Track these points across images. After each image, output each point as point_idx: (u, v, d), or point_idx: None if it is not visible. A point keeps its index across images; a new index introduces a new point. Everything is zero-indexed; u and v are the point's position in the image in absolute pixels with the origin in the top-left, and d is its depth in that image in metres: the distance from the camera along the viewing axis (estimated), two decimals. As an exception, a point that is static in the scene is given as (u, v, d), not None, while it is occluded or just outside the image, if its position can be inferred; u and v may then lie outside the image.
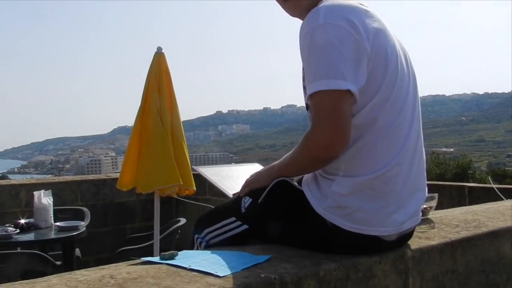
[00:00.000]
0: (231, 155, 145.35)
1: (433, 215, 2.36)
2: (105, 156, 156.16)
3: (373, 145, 1.65)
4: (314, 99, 1.56)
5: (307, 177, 1.79)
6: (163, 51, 4.93)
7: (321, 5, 1.64)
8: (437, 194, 2.36)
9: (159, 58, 4.88)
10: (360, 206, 1.64)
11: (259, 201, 1.79)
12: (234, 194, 1.98)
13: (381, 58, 1.61)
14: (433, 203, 2.36)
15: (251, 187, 1.85)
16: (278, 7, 1.88)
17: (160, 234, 4.82)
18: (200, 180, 5.27)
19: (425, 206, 2.20)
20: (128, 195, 6.07)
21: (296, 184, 1.80)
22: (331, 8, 1.60)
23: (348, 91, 1.52)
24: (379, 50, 1.61)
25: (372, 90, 1.61)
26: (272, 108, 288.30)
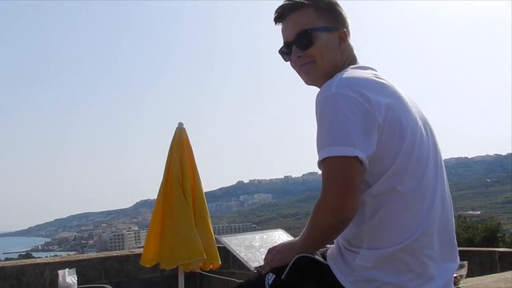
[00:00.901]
0: (253, 225, 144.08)
1: (464, 284, 2.30)
2: (128, 231, 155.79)
3: (395, 215, 1.62)
4: (323, 165, 1.59)
5: (331, 250, 1.76)
6: (184, 126, 5.03)
7: (337, 76, 1.68)
8: (466, 262, 2.31)
9: (180, 133, 4.97)
10: (388, 280, 1.59)
11: (282, 277, 1.76)
12: (256, 268, 1.94)
13: (395, 128, 1.62)
14: (463, 272, 2.30)
15: (272, 266, 1.81)
16: (295, 75, 1.92)
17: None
18: (225, 252, 5.22)
19: (455, 275, 2.14)
20: (152, 271, 6.02)
21: (321, 258, 1.77)
22: (344, 80, 1.64)
23: (356, 158, 1.54)
24: (393, 121, 1.61)
25: (389, 160, 1.61)
26: (293, 176, 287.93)
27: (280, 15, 1.87)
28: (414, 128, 1.69)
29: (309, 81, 1.88)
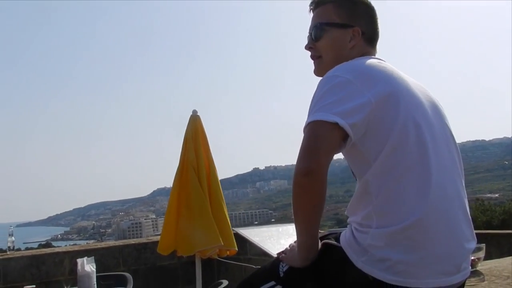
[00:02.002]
0: (270, 211, 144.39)
1: (482, 266, 2.29)
2: (145, 219, 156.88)
3: (400, 191, 1.64)
4: (305, 131, 1.65)
5: (344, 233, 1.77)
6: (198, 114, 5.03)
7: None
8: (484, 244, 2.30)
9: (194, 121, 4.99)
10: (400, 258, 1.60)
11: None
12: (278, 254, 1.97)
13: (390, 107, 1.66)
14: (481, 254, 2.29)
15: (282, 259, 1.85)
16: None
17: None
18: (241, 239, 5.25)
19: (472, 257, 2.13)
20: (170, 258, 6.07)
21: (333, 241, 1.77)
22: (341, 65, 1.77)
23: (336, 124, 1.59)
24: (388, 100, 1.67)
25: (383, 136, 1.65)
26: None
27: (310, 9, 2.03)
28: (415, 108, 1.73)
29: (316, 73, 2.00)
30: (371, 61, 1.83)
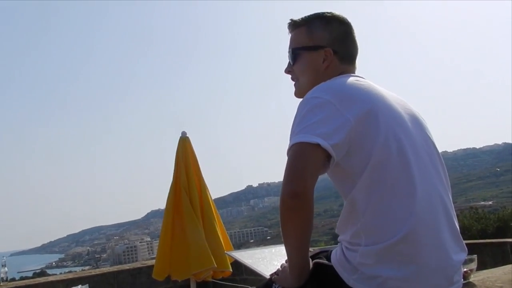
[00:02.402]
0: (265, 228, 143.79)
1: (475, 277, 2.29)
2: (140, 242, 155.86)
3: (386, 207, 1.64)
4: (288, 154, 1.67)
5: (335, 251, 1.78)
6: (187, 135, 5.05)
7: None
8: (476, 255, 2.30)
9: (184, 142, 5.00)
10: (390, 274, 1.60)
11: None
12: (271, 275, 1.96)
13: (370, 124, 1.68)
14: (473, 265, 2.29)
15: (275, 281, 1.86)
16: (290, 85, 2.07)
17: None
18: (235, 261, 5.22)
19: (465, 269, 2.14)
20: (165, 282, 6.00)
21: (325, 260, 1.78)
22: (319, 86, 1.79)
23: (318, 145, 1.61)
24: (367, 118, 1.68)
25: (365, 153, 1.66)
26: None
27: (288, 31, 2.08)
28: (395, 123, 1.74)
29: (296, 95, 2.05)
30: (348, 79, 1.84)
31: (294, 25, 2.05)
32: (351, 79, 1.85)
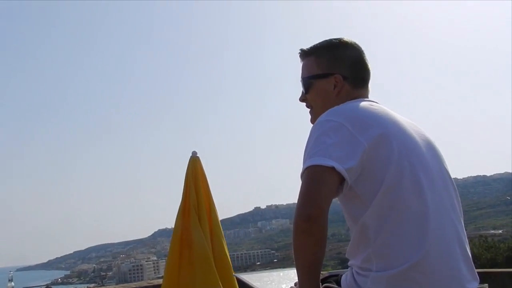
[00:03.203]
0: (272, 251, 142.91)
1: (486, 307, 2.25)
2: (146, 261, 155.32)
3: (398, 233, 1.64)
4: (302, 176, 1.67)
5: (345, 276, 1.77)
6: (198, 155, 5.06)
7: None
8: (487, 284, 2.27)
9: (194, 162, 5.00)
10: None
11: None
12: None
13: (383, 149, 1.69)
14: (484, 295, 2.26)
15: None
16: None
17: None
18: (243, 283, 5.19)
19: (476, 298, 2.11)
20: (171, 302, 5.98)
21: (335, 285, 1.77)
22: (333, 110, 1.81)
23: (333, 169, 1.61)
24: (380, 143, 1.69)
25: (378, 178, 1.67)
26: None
27: (300, 61, 2.12)
28: (408, 148, 1.75)
29: (312, 122, 2.04)
30: (361, 104, 1.86)
31: (303, 55, 2.09)
32: (364, 103, 1.87)
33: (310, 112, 2.08)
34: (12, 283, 5.79)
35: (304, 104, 2.11)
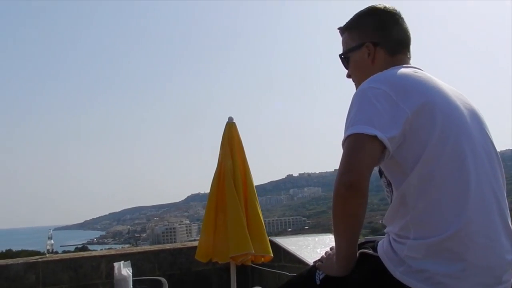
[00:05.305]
0: (304, 218, 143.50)
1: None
2: (179, 224, 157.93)
3: (437, 202, 1.63)
4: (344, 144, 1.66)
5: (382, 242, 1.77)
6: (234, 121, 5.07)
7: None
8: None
9: (230, 128, 5.03)
10: (438, 270, 1.59)
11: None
12: (315, 262, 1.97)
13: (426, 118, 1.66)
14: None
15: (319, 268, 1.87)
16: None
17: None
18: (275, 247, 5.25)
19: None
20: (204, 264, 6.09)
21: (371, 251, 1.77)
22: (375, 77, 1.78)
23: (375, 137, 1.60)
24: (423, 111, 1.66)
25: (420, 146, 1.65)
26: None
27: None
28: (452, 118, 1.72)
29: None
30: (404, 70, 1.82)
31: (341, 33, 2.10)
32: (408, 70, 1.83)
33: (356, 85, 2.06)
34: (52, 241, 5.98)
35: (351, 79, 2.09)
